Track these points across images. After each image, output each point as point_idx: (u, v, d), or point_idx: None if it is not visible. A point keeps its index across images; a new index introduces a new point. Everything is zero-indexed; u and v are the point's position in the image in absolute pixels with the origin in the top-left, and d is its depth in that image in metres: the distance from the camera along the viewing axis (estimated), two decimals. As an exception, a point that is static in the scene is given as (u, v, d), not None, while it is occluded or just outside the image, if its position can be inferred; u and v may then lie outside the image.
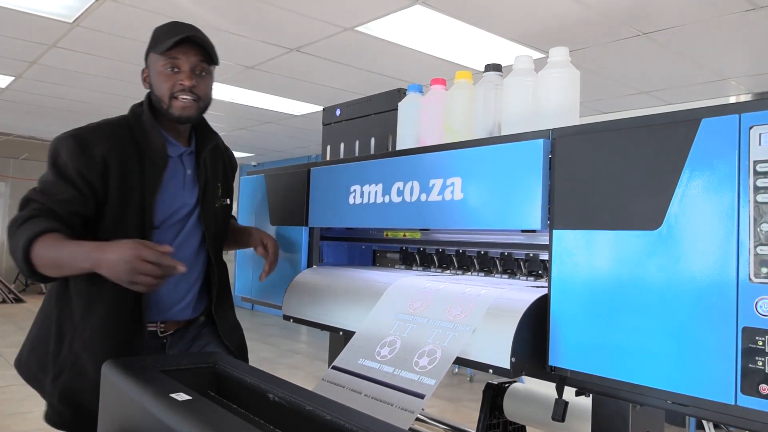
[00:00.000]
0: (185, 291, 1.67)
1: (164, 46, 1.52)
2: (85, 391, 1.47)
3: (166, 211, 1.60)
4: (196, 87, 1.57)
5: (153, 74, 1.59)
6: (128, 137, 1.56)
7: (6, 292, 10.02)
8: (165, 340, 1.66)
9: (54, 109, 7.03)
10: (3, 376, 5.16)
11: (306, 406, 1.08)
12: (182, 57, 1.55)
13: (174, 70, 1.56)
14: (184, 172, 1.65)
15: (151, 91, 1.61)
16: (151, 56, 1.59)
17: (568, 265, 1.18)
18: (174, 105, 1.56)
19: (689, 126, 1.01)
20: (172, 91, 1.56)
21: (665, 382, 1.03)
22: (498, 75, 1.57)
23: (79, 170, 1.47)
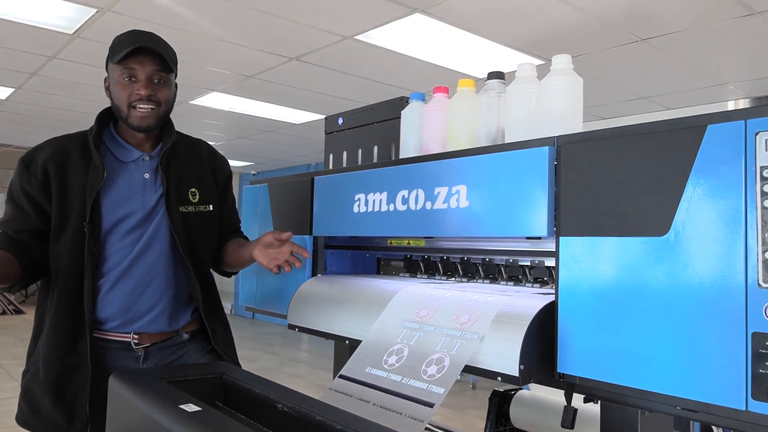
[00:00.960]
0: (153, 301, 1.63)
1: (119, 56, 1.55)
2: (37, 391, 1.55)
3: (114, 216, 1.60)
4: (153, 95, 1.59)
5: (112, 83, 1.61)
6: (78, 146, 1.61)
7: (6, 303, 10.00)
8: (140, 353, 1.63)
9: (54, 120, 7.04)
10: (4, 388, 5.14)
11: (315, 415, 1.08)
12: (138, 66, 1.56)
13: (131, 80, 1.57)
14: (140, 177, 1.65)
15: (112, 101, 1.64)
16: (109, 66, 1.62)
17: (575, 272, 1.18)
18: (132, 114, 1.59)
19: (695, 132, 1.02)
20: (130, 101, 1.58)
21: (674, 388, 1.03)
22: (501, 83, 1.58)
23: (23, 187, 1.58)
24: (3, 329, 8.48)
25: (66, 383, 1.53)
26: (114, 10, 3.61)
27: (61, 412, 1.52)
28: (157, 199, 1.65)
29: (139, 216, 1.63)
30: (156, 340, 1.65)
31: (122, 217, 1.61)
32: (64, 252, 1.55)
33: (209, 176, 1.80)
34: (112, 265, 1.60)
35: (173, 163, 1.70)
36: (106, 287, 1.59)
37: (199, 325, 1.74)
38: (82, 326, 1.54)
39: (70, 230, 1.56)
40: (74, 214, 1.56)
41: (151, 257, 1.63)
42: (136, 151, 1.67)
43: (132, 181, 1.64)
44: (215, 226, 1.79)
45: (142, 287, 1.62)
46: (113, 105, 1.63)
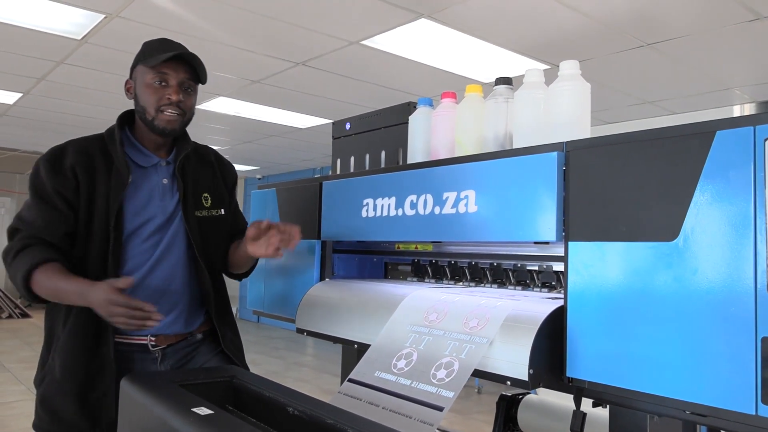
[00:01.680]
0: (171, 304, 1.66)
1: (156, 60, 1.58)
2: (57, 396, 1.55)
3: (136, 220, 1.62)
4: (182, 102, 1.63)
5: (140, 86, 1.63)
6: (99, 149, 1.63)
7: (12, 307, 10.04)
8: (157, 355, 1.65)
9: (60, 124, 7.08)
10: (11, 391, 5.16)
11: (326, 419, 1.09)
12: (171, 72, 1.60)
13: (162, 84, 1.60)
14: (158, 182, 1.67)
15: (136, 102, 1.65)
16: (139, 68, 1.64)
17: (584, 277, 1.18)
18: (160, 118, 1.62)
19: (704, 138, 1.03)
20: (159, 105, 1.61)
21: (684, 393, 1.04)
22: (508, 88, 1.59)
23: (55, 188, 1.56)
24: (10, 333, 8.51)
25: (90, 387, 1.54)
26: (122, 16, 3.64)
27: (86, 417, 1.53)
28: (175, 204, 1.68)
29: (159, 221, 1.65)
30: (172, 342, 1.68)
31: (143, 222, 1.63)
32: (87, 256, 1.56)
33: (219, 181, 1.84)
34: (132, 269, 1.61)
35: (188, 169, 1.73)
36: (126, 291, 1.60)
37: (210, 326, 1.76)
38: (106, 329, 1.55)
39: (94, 234, 1.57)
40: (98, 218, 1.57)
41: (170, 261, 1.66)
42: (155, 156, 1.69)
43: (152, 186, 1.66)
44: (226, 230, 1.83)
45: (162, 291, 1.64)
46: (138, 107, 1.65)
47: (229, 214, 1.84)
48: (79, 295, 1.47)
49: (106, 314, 1.43)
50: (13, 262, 1.52)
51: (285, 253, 2.12)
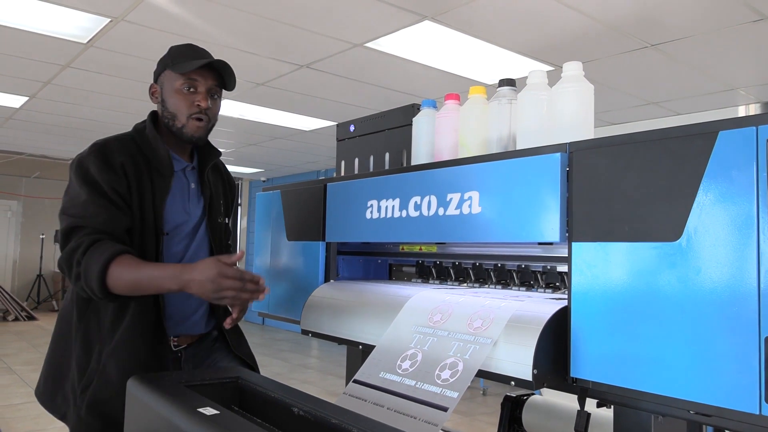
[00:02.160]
0: (197, 304, 1.70)
1: (188, 67, 1.59)
2: (112, 400, 1.50)
3: (175, 219, 1.65)
4: (209, 109, 1.64)
5: (168, 92, 1.64)
6: (136, 149, 1.63)
7: (18, 309, 10.08)
8: (180, 354, 1.69)
9: (66, 128, 7.12)
10: (17, 393, 5.18)
11: (332, 419, 1.10)
12: (200, 79, 1.62)
13: (191, 90, 1.62)
14: (188, 186, 1.70)
15: (163, 107, 1.66)
16: (167, 74, 1.64)
17: (587, 277, 1.19)
18: (189, 125, 1.63)
19: (707, 138, 1.03)
20: (189, 112, 1.62)
21: (688, 392, 1.04)
22: (512, 90, 1.60)
23: (110, 184, 1.52)
24: (16, 335, 8.55)
25: None
26: (127, 20, 3.66)
27: None
28: (201, 208, 1.72)
29: (191, 224, 1.69)
30: (191, 341, 1.71)
31: (179, 224, 1.66)
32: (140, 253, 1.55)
33: (227, 190, 1.90)
34: None
35: (209, 176, 1.77)
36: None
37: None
38: (160, 327, 1.56)
39: (141, 235, 1.57)
40: (146, 217, 1.57)
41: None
42: (183, 161, 1.71)
43: (183, 190, 1.69)
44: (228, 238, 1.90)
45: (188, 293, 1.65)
46: (167, 113, 1.65)
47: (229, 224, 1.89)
48: (173, 278, 1.43)
49: (214, 290, 1.39)
50: (83, 258, 1.44)
51: (290, 255, 2.14)
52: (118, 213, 1.52)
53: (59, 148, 8.98)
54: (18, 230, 11.34)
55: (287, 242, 2.14)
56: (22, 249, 11.39)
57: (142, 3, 3.41)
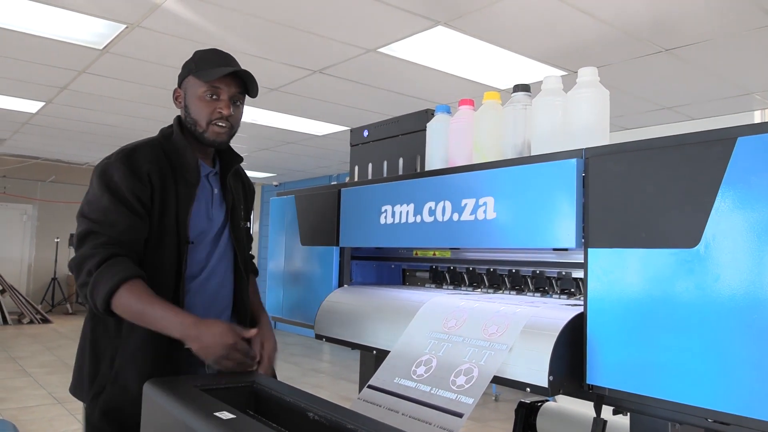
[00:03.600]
0: (220, 311, 1.70)
1: (212, 75, 1.59)
2: (127, 408, 1.49)
3: (199, 227, 1.65)
4: (231, 116, 1.64)
5: (191, 98, 1.64)
6: (163, 156, 1.63)
7: (33, 312, 10.17)
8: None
9: (82, 133, 7.20)
10: (32, 395, 5.23)
11: (347, 424, 1.10)
12: (224, 87, 1.62)
13: (213, 98, 1.62)
14: (211, 191, 1.71)
15: (186, 113, 1.66)
16: (191, 79, 1.64)
17: (604, 284, 1.18)
18: (210, 130, 1.63)
19: (725, 145, 1.02)
20: (211, 118, 1.62)
21: (706, 400, 1.03)
22: (527, 95, 1.59)
23: (134, 192, 1.52)
24: (31, 338, 8.63)
25: None
26: (143, 26, 3.70)
27: None
28: (224, 214, 1.73)
29: (215, 229, 1.69)
30: None
31: (203, 230, 1.66)
32: (159, 263, 1.55)
33: (247, 195, 1.90)
34: (192, 275, 1.63)
35: (231, 181, 1.77)
36: (186, 298, 1.61)
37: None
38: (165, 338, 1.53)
39: (168, 240, 1.57)
40: (170, 225, 1.57)
41: (222, 269, 1.70)
42: (207, 167, 1.71)
43: (207, 196, 1.69)
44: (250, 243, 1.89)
45: (215, 296, 1.68)
46: (189, 118, 1.65)
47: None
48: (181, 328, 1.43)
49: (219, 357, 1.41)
50: (95, 271, 1.44)
51: (304, 260, 2.15)
52: (138, 222, 1.52)
53: (75, 153, 9.08)
54: (33, 234, 11.45)
55: (301, 247, 2.15)
56: (37, 252, 11.51)
57: (158, 9, 3.44)
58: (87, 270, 1.46)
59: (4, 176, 10.81)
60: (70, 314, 11.29)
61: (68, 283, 11.64)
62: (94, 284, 1.44)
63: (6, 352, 7.41)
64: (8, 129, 7.35)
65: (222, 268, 1.70)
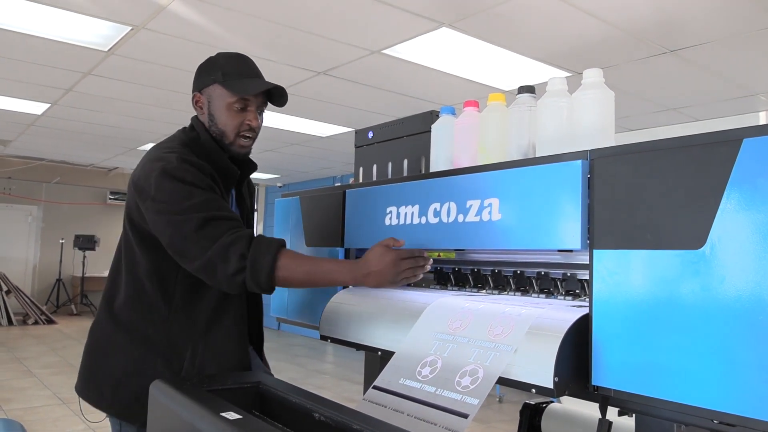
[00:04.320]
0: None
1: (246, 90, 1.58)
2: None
3: None
4: (258, 127, 1.66)
5: (218, 107, 1.61)
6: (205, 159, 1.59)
7: (38, 313, 10.21)
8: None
9: (87, 134, 7.22)
10: (37, 396, 5.25)
11: (353, 425, 1.10)
12: (253, 98, 1.62)
13: (242, 109, 1.61)
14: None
15: (210, 121, 1.63)
16: (217, 88, 1.61)
17: (609, 285, 1.18)
18: (238, 142, 1.63)
19: (731, 146, 1.02)
20: (240, 130, 1.62)
21: (712, 402, 1.03)
22: (531, 96, 1.60)
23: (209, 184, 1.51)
24: (36, 339, 8.66)
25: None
26: (148, 28, 3.72)
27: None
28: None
29: None
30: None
31: None
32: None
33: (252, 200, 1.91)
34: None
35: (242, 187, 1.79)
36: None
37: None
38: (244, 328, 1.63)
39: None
40: None
41: None
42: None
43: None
44: None
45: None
46: (215, 128, 1.62)
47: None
48: (349, 272, 1.52)
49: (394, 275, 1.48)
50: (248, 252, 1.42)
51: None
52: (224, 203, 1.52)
53: (80, 154, 9.11)
54: (38, 235, 11.50)
55: (306, 248, 2.15)
56: (42, 254, 11.55)
57: (163, 11, 3.46)
58: (237, 256, 1.42)
59: (10, 178, 10.86)
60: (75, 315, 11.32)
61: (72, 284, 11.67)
62: (253, 264, 1.42)
63: (11, 352, 7.44)
64: (14, 130, 7.38)
65: None
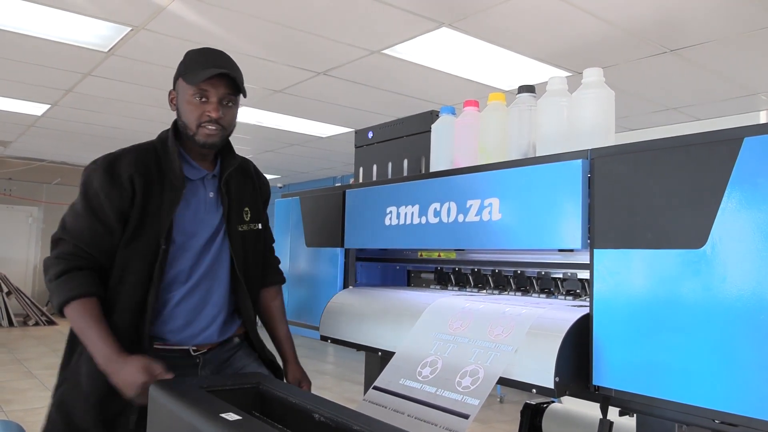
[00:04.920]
0: (212, 317, 1.67)
1: (196, 78, 1.56)
2: (78, 405, 1.53)
3: (186, 231, 1.62)
4: (222, 118, 1.61)
5: (181, 101, 1.63)
6: (153, 160, 1.62)
7: (39, 314, 10.21)
8: (198, 360, 1.66)
9: (87, 135, 7.22)
10: (38, 397, 5.24)
11: (353, 426, 1.10)
12: (212, 89, 1.59)
13: (202, 100, 1.60)
14: (205, 195, 1.68)
15: (178, 116, 1.65)
16: (180, 82, 1.63)
17: (610, 284, 1.18)
18: (200, 132, 1.61)
19: (732, 145, 1.02)
20: (200, 121, 1.60)
21: (713, 401, 1.02)
22: (532, 96, 1.59)
23: (109, 198, 1.55)
24: (36, 340, 8.66)
25: (112, 401, 1.51)
26: (148, 29, 3.71)
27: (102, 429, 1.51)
28: (219, 218, 1.69)
29: (206, 235, 1.66)
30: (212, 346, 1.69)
31: (191, 236, 1.64)
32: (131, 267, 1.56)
33: (258, 195, 1.85)
34: (180, 280, 1.62)
35: (231, 182, 1.74)
36: (173, 302, 1.61)
37: (245, 329, 1.77)
38: (142, 339, 1.54)
39: (144, 244, 1.56)
40: (149, 231, 1.56)
41: (215, 274, 1.67)
42: (202, 169, 1.69)
43: (199, 200, 1.67)
44: (262, 244, 1.84)
45: (204, 304, 1.65)
46: (180, 121, 1.65)
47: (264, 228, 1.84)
48: (103, 360, 1.46)
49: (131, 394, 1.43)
50: (51, 284, 1.53)
51: (309, 262, 2.15)
52: (105, 233, 1.55)
53: (80, 155, 9.10)
54: (39, 236, 11.49)
55: (306, 248, 2.15)
56: (43, 255, 11.47)
57: (163, 12, 3.46)
58: (49, 276, 1.54)
59: (10, 179, 10.85)
60: (76, 316, 11.28)
61: (73, 285, 11.63)
62: (52, 292, 1.53)
63: (12, 354, 7.44)
64: (14, 132, 7.38)
65: (212, 276, 1.67)
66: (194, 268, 1.64)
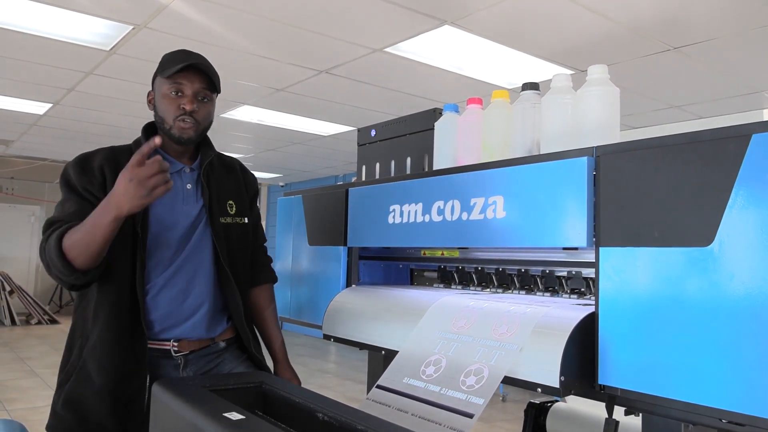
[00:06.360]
0: (195, 306, 1.67)
1: (170, 70, 1.61)
2: (89, 398, 1.53)
3: (162, 221, 1.65)
4: (196, 112, 1.65)
5: (158, 97, 1.67)
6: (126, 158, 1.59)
7: (41, 313, 10.22)
8: (179, 361, 1.65)
9: (89, 134, 7.22)
10: (40, 396, 5.25)
11: (357, 425, 1.09)
12: (186, 83, 1.63)
13: (178, 94, 1.64)
14: (182, 186, 1.70)
15: (155, 112, 1.69)
16: (157, 79, 1.68)
17: (615, 283, 1.17)
18: (176, 126, 1.65)
19: (739, 142, 1.01)
20: (175, 114, 1.64)
21: (720, 401, 1.02)
22: (536, 93, 1.58)
23: (83, 185, 1.60)
24: (39, 339, 8.67)
25: (125, 387, 1.53)
26: (149, 27, 3.71)
27: (116, 419, 1.52)
28: (199, 209, 1.71)
29: (184, 225, 1.68)
30: (194, 348, 1.68)
31: (169, 226, 1.66)
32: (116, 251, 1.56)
33: (243, 190, 1.87)
34: (158, 271, 1.64)
35: (212, 176, 1.76)
36: (152, 293, 1.62)
37: (234, 334, 1.77)
38: (138, 328, 1.56)
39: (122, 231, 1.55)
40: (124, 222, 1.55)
41: (194, 265, 1.68)
42: (178, 163, 1.72)
43: (175, 191, 1.68)
44: (249, 238, 1.85)
45: (185, 294, 1.66)
46: (157, 117, 1.69)
47: (251, 223, 1.86)
48: (104, 207, 1.42)
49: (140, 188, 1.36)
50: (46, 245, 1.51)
51: (311, 260, 2.14)
52: (87, 205, 1.56)
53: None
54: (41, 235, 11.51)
55: (308, 247, 2.14)
56: (45, 253, 11.53)
57: (164, 10, 3.45)
58: (41, 249, 1.53)
59: (12, 178, 10.87)
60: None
61: (76, 283, 11.66)
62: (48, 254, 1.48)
63: (14, 352, 7.45)
64: (16, 131, 7.39)
65: (193, 265, 1.68)
66: (174, 256, 1.66)
